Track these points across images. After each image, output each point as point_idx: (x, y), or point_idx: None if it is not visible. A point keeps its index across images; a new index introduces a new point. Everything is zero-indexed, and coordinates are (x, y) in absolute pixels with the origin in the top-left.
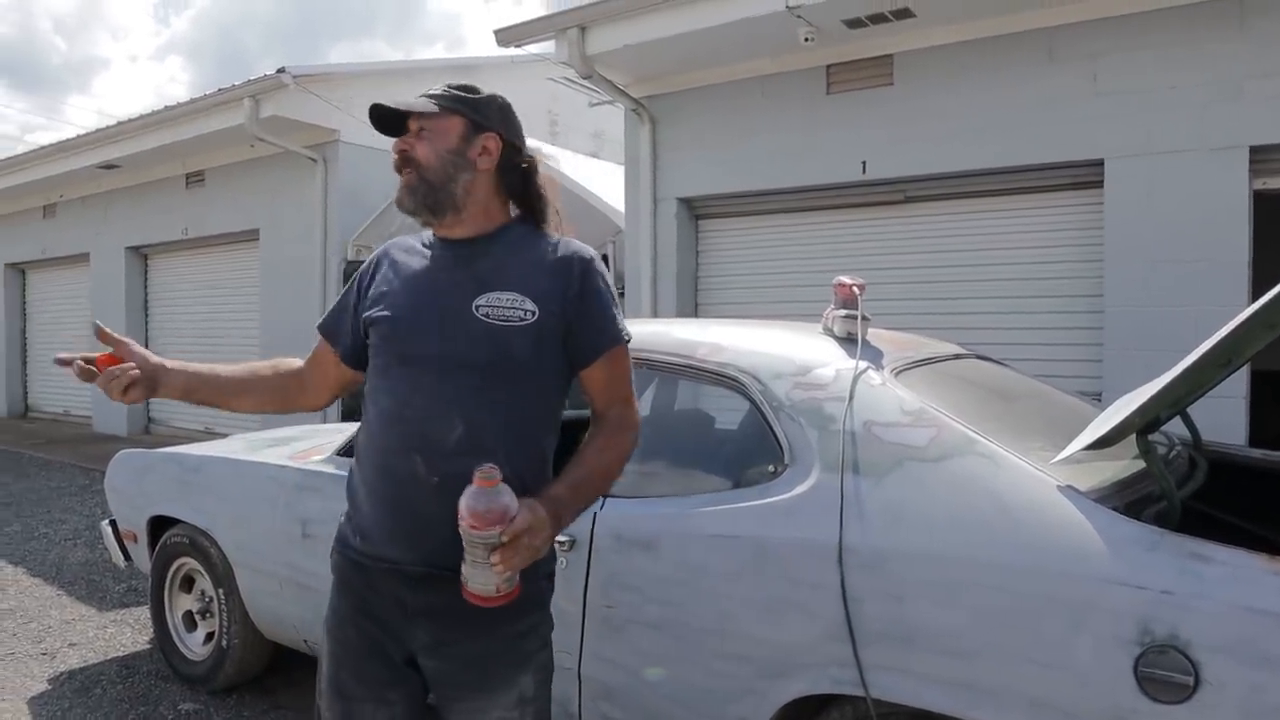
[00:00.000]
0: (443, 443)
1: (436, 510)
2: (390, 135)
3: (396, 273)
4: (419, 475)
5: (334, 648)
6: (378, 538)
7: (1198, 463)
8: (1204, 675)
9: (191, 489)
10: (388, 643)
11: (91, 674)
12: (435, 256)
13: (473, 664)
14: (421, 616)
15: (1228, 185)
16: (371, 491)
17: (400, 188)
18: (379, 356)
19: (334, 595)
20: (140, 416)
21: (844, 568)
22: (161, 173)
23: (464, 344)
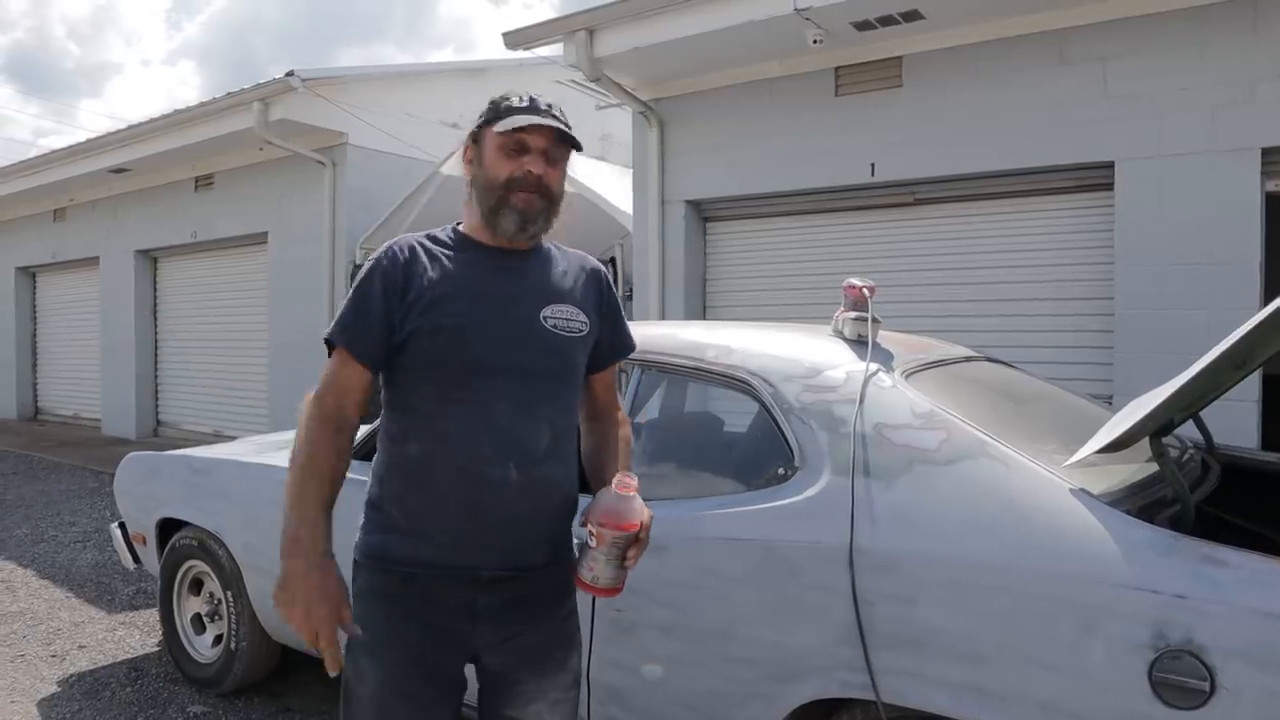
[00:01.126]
0: (535, 449)
1: (524, 513)
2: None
3: (445, 278)
4: (510, 481)
5: (379, 671)
6: (455, 548)
7: (1210, 466)
8: (1220, 681)
9: (200, 491)
10: (443, 652)
11: (101, 676)
12: (488, 264)
13: (532, 652)
14: (489, 616)
15: (1240, 187)
16: (448, 502)
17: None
18: (446, 364)
19: (374, 616)
20: (149, 419)
21: (855, 570)
22: (171, 176)
23: (541, 354)
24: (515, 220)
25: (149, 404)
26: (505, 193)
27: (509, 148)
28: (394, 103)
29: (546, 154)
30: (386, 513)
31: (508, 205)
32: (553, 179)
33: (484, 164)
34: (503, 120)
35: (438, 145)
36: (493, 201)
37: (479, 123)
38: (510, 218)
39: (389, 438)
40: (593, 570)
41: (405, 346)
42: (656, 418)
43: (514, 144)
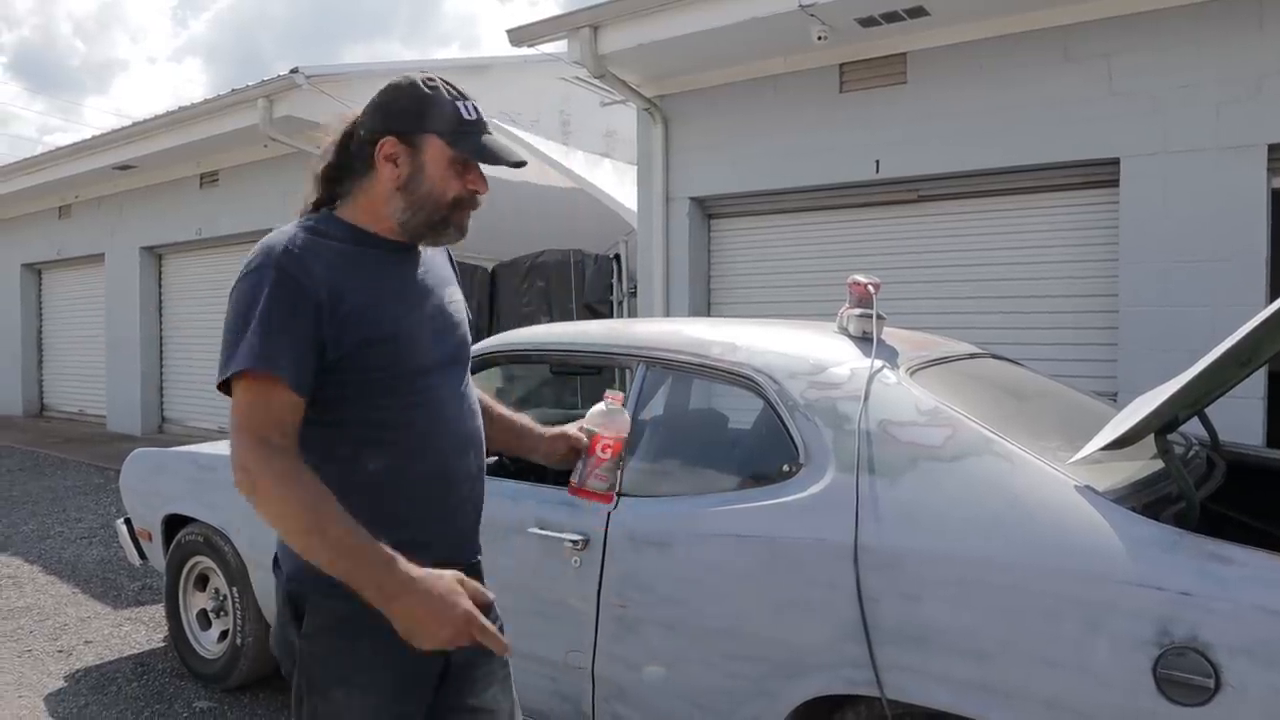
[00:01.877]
0: (479, 434)
1: (480, 499)
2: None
3: (367, 283)
4: (472, 471)
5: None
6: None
7: (1215, 463)
8: (1225, 677)
9: (206, 487)
10: (423, 665)
11: (107, 671)
12: (394, 260)
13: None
14: None
15: (1245, 183)
16: (425, 508)
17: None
18: (393, 374)
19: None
20: (154, 416)
21: (859, 567)
22: (176, 173)
23: (457, 341)
24: (455, 234)
25: (154, 400)
26: (450, 212)
27: (457, 164)
28: None
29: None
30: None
31: (450, 224)
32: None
33: (425, 174)
34: (461, 138)
35: None
36: (435, 218)
37: (416, 125)
38: (451, 233)
39: (332, 460)
40: (607, 480)
41: (341, 363)
42: (661, 414)
43: (463, 160)
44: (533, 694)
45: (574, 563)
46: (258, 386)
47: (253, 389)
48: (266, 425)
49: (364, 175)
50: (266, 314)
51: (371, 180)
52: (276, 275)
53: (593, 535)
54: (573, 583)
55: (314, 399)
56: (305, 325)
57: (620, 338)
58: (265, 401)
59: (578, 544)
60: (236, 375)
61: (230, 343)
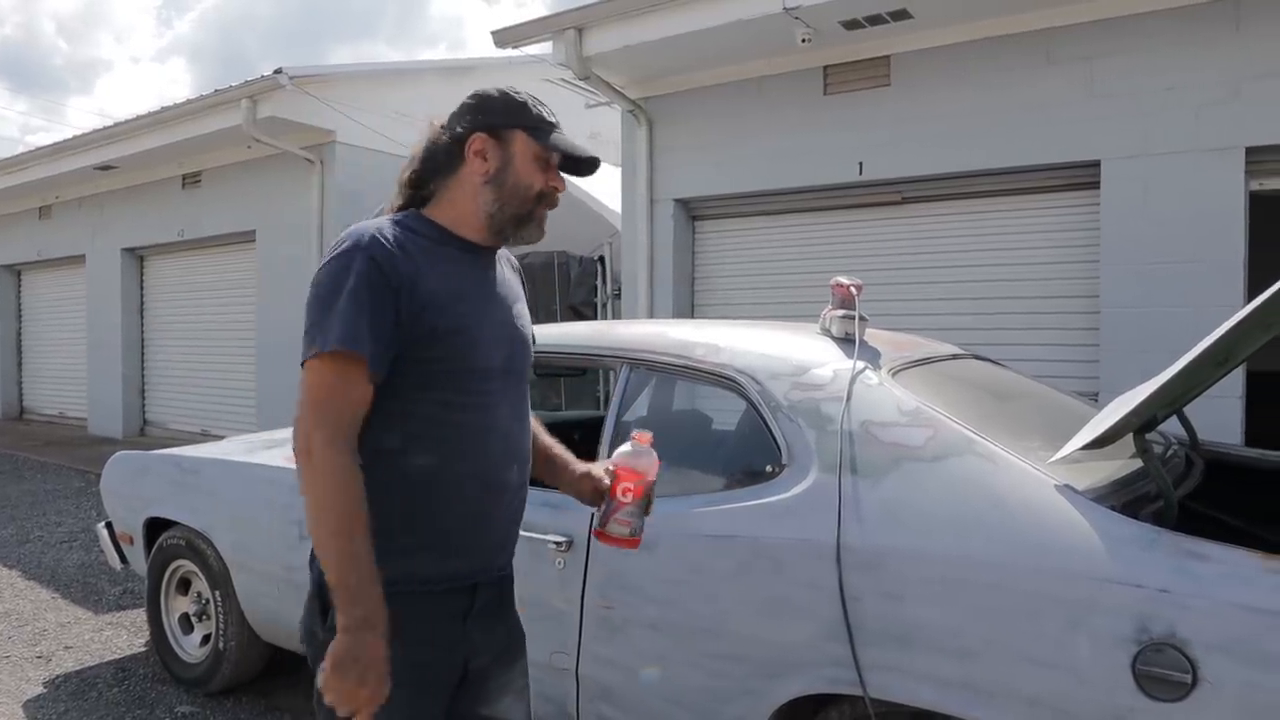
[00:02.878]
0: (527, 449)
1: (518, 512)
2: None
3: (447, 276)
4: (513, 483)
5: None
6: (462, 556)
7: (1194, 462)
8: (1201, 673)
9: (188, 491)
10: (444, 666)
11: (87, 677)
12: (473, 262)
13: (504, 645)
14: (477, 622)
15: (1224, 186)
16: (464, 511)
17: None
18: (453, 369)
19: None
20: (136, 418)
21: (842, 567)
22: (158, 174)
23: (520, 355)
24: (536, 230)
25: (135, 403)
26: (535, 205)
27: (543, 158)
28: (382, 101)
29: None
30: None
31: (534, 218)
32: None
33: (514, 168)
34: (547, 135)
35: None
36: (522, 211)
37: (502, 120)
38: (534, 229)
39: (381, 451)
40: (629, 524)
41: (406, 351)
42: (645, 416)
43: (545, 154)
44: None
45: (558, 564)
46: (340, 367)
47: (336, 369)
48: (343, 412)
49: (451, 174)
50: (354, 295)
51: (459, 178)
52: (365, 259)
53: (577, 536)
54: (557, 584)
55: (385, 384)
56: (388, 310)
57: (604, 339)
58: (345, 384)
59: (562, 545)
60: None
61: (316, 322)
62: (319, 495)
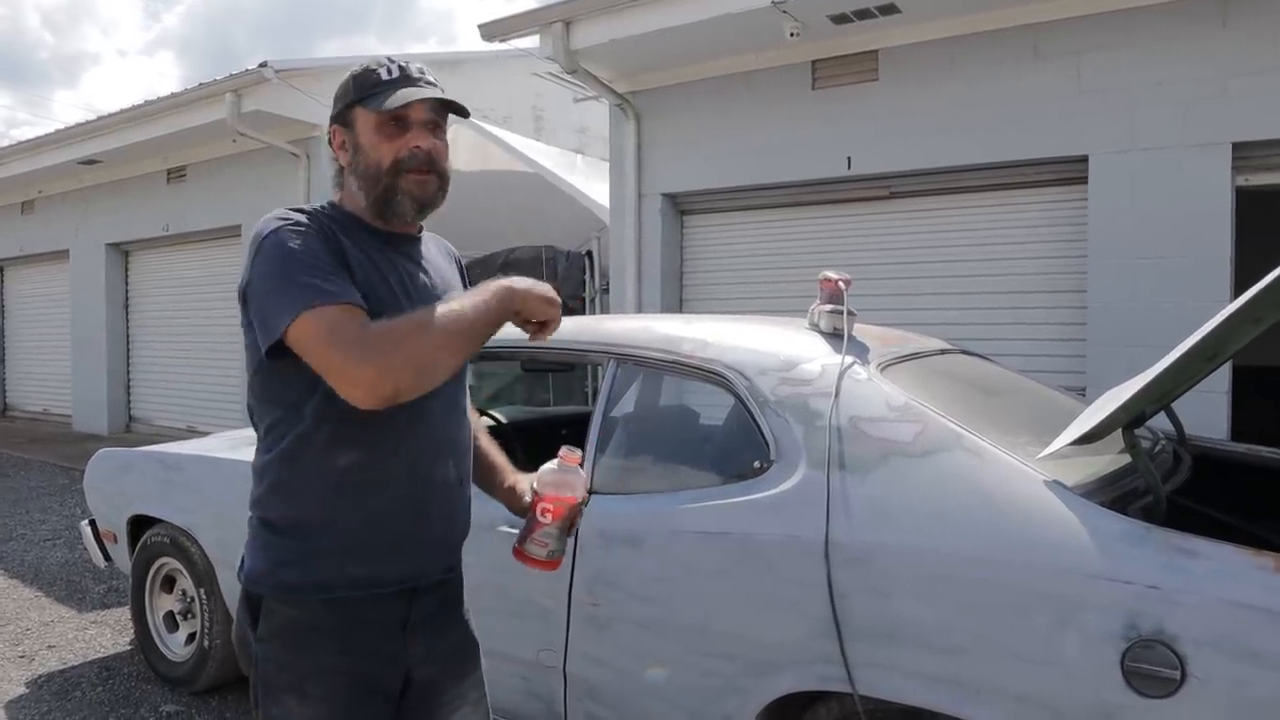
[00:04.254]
0: (462, 442)
1: (459, 512)
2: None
3: (365, 262)
4: (449, 479)
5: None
6: (396, 557)
7: (1182, 458)
8: (1190, 669)
9: (172, 488)
10: (381, 673)
11: (71, 677)
12: (391, 251)
13: (454, 654)
14: (419, 627)
15: (1211, 181)
16: (393, 510)
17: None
18: None
19: (295, 654)
20: (121, 415)
21: (830, 564)
22: (142, 168)
23: None
24: (411, 205)
25: (121, 399)
26: (394, 178)
27: (387, 125)
28: None
29: (430, 125)
30: (306, 535)
31: (398, 191)
32: (441, 152)
33: (361, 148)
34: (376, 98)
35: None
36: (380, 190)
37: (345, 102)
38: (405, 203)
39: (307, 447)
40: (547, 545)
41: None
42: (632, 411)
43: (394, 119)
44: (504, 693)
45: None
46: (324, 311)
47: (323, 315)
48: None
49: (339, 175)
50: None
51: (343, 176)
52: (293, 226)
53: None
54: (544, 581)
55: (291, 382)
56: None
57: (591, 334)
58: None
59: None
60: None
61: (276, 292)
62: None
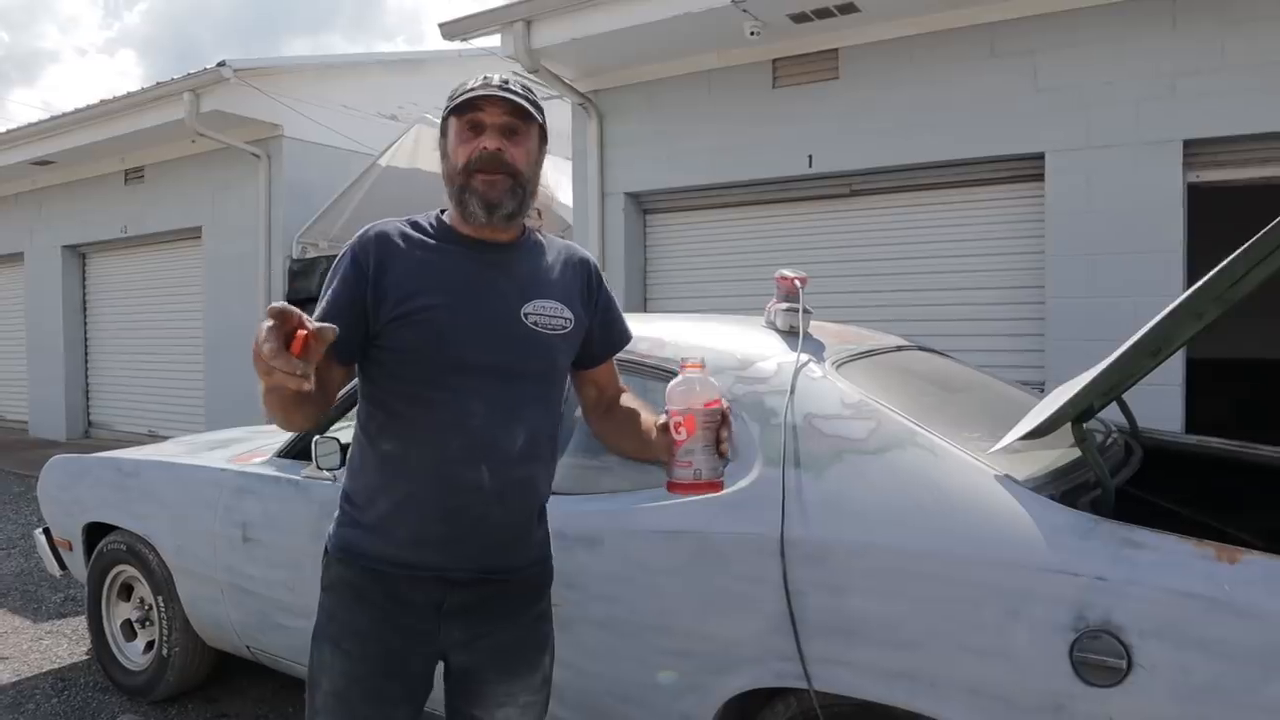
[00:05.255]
0: (508, 451)
1: (497, 517)
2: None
3: (419, 267)
4: (483, 484)
5: (344, 664)
6: (422, 549)
7: (1133, 450)
8: (1136, 658)
9: (129, 494)
10: (413, 650)
11: (25, 688)
12: (466, 256)
13: (504, 652)
14: (458, 616)
15: (1163, 179)
16: (417, 502)
17: (495, 185)
18: (420, 360)
19: (340, 609)
20: (80, 420)
21: (786, 561)
22: (99, 169)
23: (519, 353)
24: (480, 204)
25: (79, 404)
26: (466, 178)
27: (464, 130)
28: (331, 94)
29: (505, 129)
30: (358, 507)
31: (469, 190)
32: (515, 155)
33: (446, 153)
34: (465, 104)
35: (376, 138)
36: (456, 188)
37: (443, 116)
38: (474, 202)
39: (364, 432)
40: (692, 465)
41: (379, 338)
42: None
43: (469, 125)
44: None
45: None
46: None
47: None
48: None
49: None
50: (328, 284)
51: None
52: (345, 250)
53: None
54: None
55: (363, 371)
56: (346, 290)
57: None
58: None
59: None
60: None
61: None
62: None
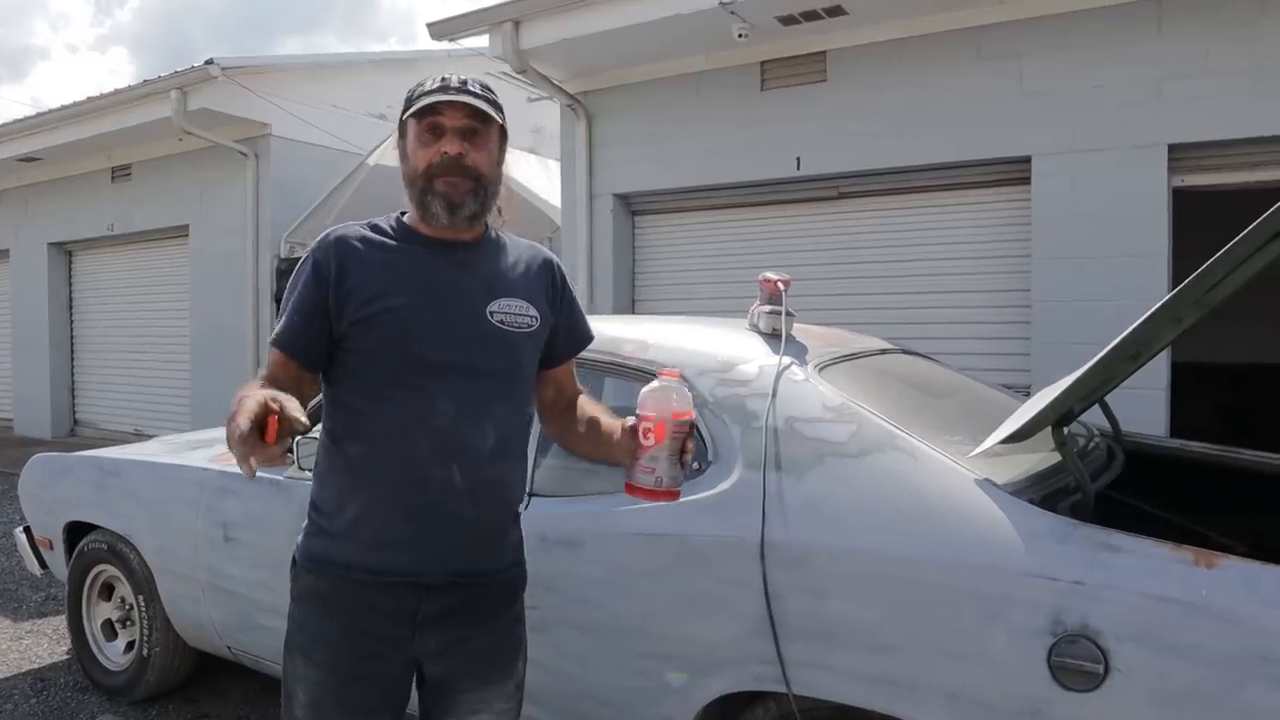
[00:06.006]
0: (479, 450)
1: (469, 517)
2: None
3: (381, 269)
4: (455, 484)
5: (317, 675)
6: (392, 552)
7: (1116, 453)
8: (1113, 663)
9: (110, 493)
10: (387, 658)
11: (3, 688)
12: (428, 256)
13: (478, 659)
14: (433, 623)
15: (1148, 182)
16: (386, 504)
17: (456, 187)
18: (383, 360)
19: (311, 619)
20: (65, 418)
21: (766, 564)
22: (86, 166)
23: (485, 351)
24: (442, 206)
25: (65, 402)
26: (427, 181)
27: (424, 134)
28: (320, 93)
29: (465, 132)
30: (326, 515)
31: (431, 192)
32: (478, 159)
33: (405, 156)
34: (416, 105)
35: (365, 137)
36: (417, 192)
37: (402, 116)
38: (437, 204)
39: (330, 437)
40: (654, 471)
41: (343, 341)
42: None
43: (429, 128)
44: None
45: None
46: (273, 356)
47: (272, 357)
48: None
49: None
50: (290, 290)
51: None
52: (305, 256)
53: None
54: None
55: (327, 376)
56: (310, 297)
57: None
58: (273, 368)
59: None
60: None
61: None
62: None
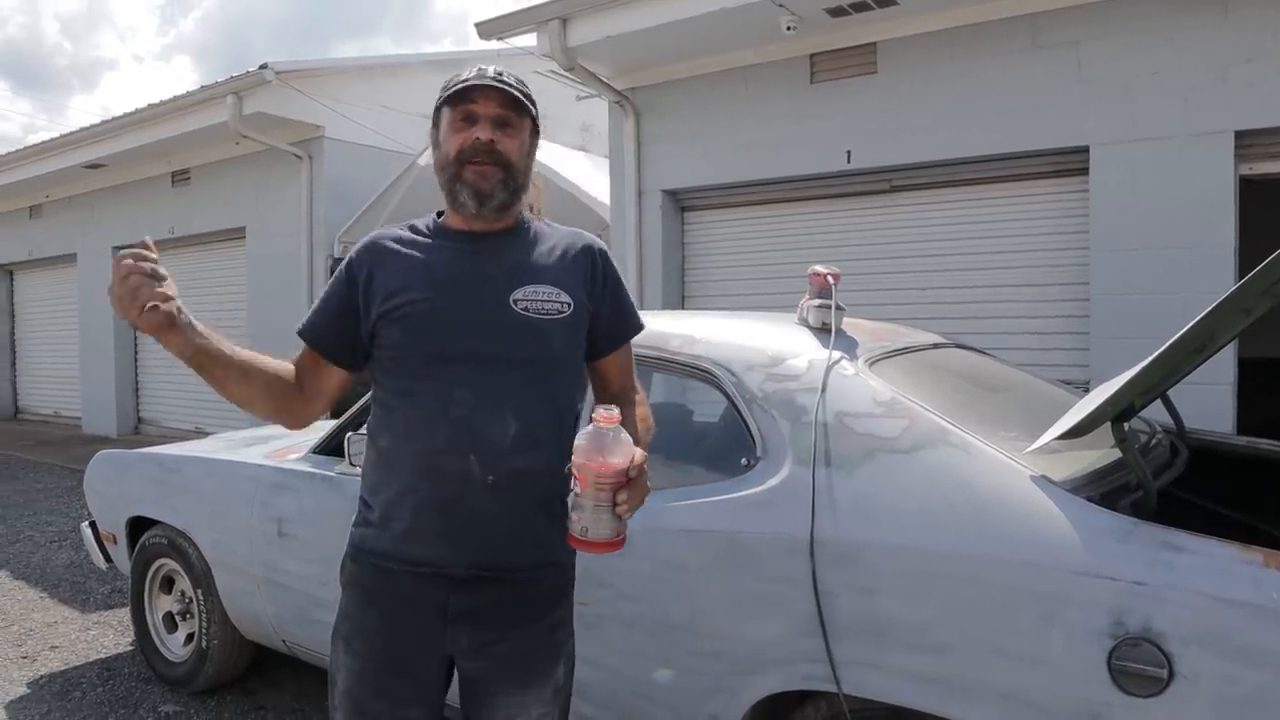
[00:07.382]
0: (498, 441)
1: (491, 510)
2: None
3: (407, 266)
4: (473, 475)
5: (355, 663)
6: (419, 543)
7: (1179, 450)
8: (1177, 668)
9: (169, 489)
10: (420, 652)
11: (72, 677)
12: (454, 249)
13: (513, 662)
14: (464, 620)
15: (1213, 171)
16: (411, 495)
17: (485, 175)
18: (407, 354)
19: (353, 608)
20: (130, 417)
21: (815, 561)
22: (147, 171)
23: (507, 339)
24: (470, 194)
25: (129, 401)
26: (458, 168)
27: (458, 121)
28: (371, 95)
29: (498, 120)
30: (368, 505)
31: (460, 180)
32: (508, 146)
33: (438, 144)
34: (457, 95)
35: (415, 137)
36: (447, 179)
37: (436, 108)
38: (465, 192)
39: (369, 430)
40: (580, 521)
41: (374, 338)
42: None
43: (463, 115)
44: None
45: None
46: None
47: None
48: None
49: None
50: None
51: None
52: (346, 259)
53: None
54: None
55: (369, 373)
56: (337, 293)
57: None
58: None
59: None
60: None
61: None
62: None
